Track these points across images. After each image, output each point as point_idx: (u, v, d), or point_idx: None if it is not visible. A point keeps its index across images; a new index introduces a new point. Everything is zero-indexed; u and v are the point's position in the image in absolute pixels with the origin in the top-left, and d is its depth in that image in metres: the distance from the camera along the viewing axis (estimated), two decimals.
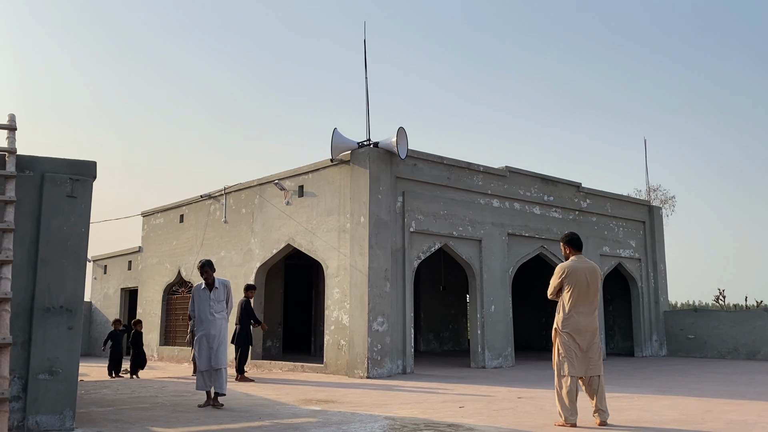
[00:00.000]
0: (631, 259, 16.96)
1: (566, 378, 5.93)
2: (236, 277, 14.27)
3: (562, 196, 15.32)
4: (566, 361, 5.98)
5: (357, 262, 11.53)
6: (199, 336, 7.48)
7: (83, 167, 6.29)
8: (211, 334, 7.43)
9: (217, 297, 7.59)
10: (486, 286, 13.27)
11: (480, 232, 13.37)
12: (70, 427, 5.78)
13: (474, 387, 9.45)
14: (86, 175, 6.29)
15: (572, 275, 6.08)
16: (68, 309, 5.96)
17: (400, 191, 12.18)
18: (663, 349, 17.19)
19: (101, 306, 22.07)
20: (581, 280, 6.08)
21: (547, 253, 14.78)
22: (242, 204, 14.73)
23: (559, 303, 6.18)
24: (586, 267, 6.16)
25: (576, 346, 6.01)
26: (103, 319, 21.50)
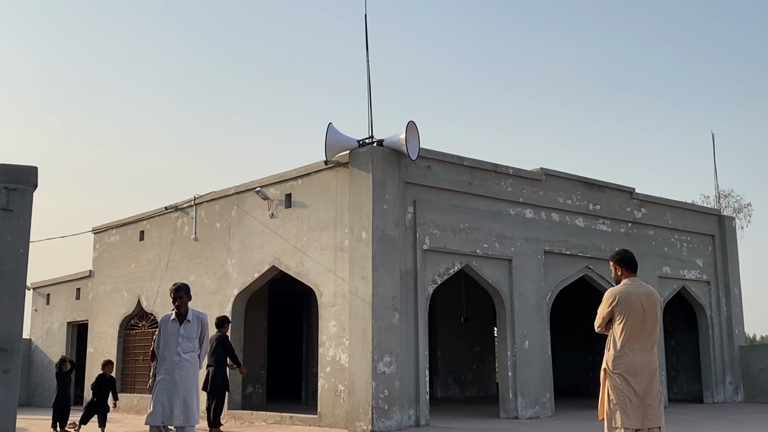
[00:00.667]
0: (697, 281, 16.90)
1: (619, 431, 5.89)
2: (209, 307, 14.28)
3: (612, 204, 15.31)
4: (619, 410, 5.94)
5: (358, 288, 11.54)
6: (158, 380, 7.22)
7: (21, 174, 6.31)
8: (174, 380, 7.11)
9: (188, 333, 7.36)
10: (518, 316, 13.24)
11: (510, 250, 13.35)
12: None
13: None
14: (25, 183, 6.30)
15: (625, 303, 6.05)
16: (3, 348, 5.96)
17: (410, 200, 12.19)
18: (739, 393, 17.06)
19: (43, 344, 22.11)
20: (636, 308, 6.06)
21: (594, 275, 14.75)
22: (216, 217, 14.78)
23: (608, 338, 6.15)
24: (642, 293, 6.14)
25: (631, 391, 5.97)
26: (46, 360, 21.52)
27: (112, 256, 17.71)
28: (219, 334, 11.22)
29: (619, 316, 6.05)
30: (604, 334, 6.26)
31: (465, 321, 19.68)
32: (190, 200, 15.40)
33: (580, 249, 14.54)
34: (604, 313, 6.14)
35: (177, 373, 7.15)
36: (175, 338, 7.32)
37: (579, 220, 14.71)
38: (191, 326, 7.42)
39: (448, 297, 18.96)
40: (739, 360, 17.20)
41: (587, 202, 14.85)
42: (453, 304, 19.42)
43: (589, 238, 14.77)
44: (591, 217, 14.94)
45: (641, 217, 15.87)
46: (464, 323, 19.70)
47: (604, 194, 15.22)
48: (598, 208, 14.98)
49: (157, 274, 16.07)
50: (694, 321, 17.40)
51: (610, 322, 6.14)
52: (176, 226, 15.80)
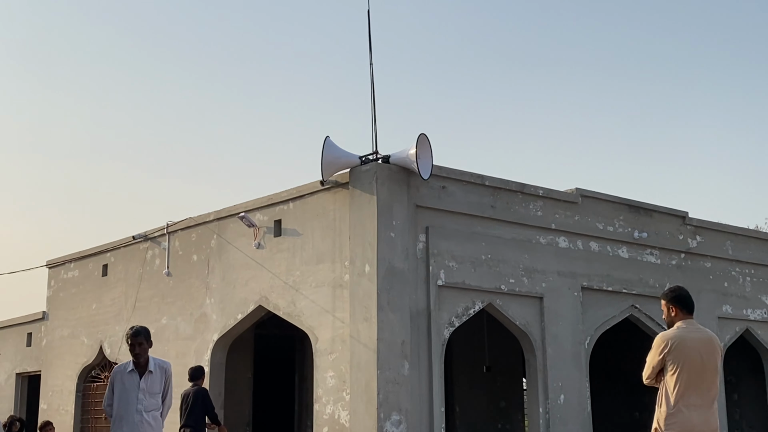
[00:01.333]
0: (764, 323, 16.79)
1: None
2: (184, 355, 14.23)
3: (661, 231, 15.27)
4: None
5: (360, 332, 11.48)
6: None
7: None
8: None
9: (150, 387, 7.25)
10: (552, 365, 13.15)
11: (541, 286, 13.30)
12: None
13: None
14: None
15: (679, 350, 6.03)
16: None
17: (422, 227, 12.17)
18: None
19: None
20: (693, 357, 6.02)
21: (641, 315, 14.68)
22: (193, 248, 14.77)
23: (659, 392, 6.11)
24: (700, 338, 6.11)
25: None
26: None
27: (69, 295, 17.69)
28: (196, 388, 11.18)
29: (672, 366, 6.01)
30: (655, 387, 6.21)
31: (488, 371, 19.53)
32: (163, 228, 15.42)
33: (624, 284, 14.46)
34: (654, 362, 6.11)
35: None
36: (134, 394, 7.18)
37: (623, 250, 14.66)
38: (153, 379, 7.29)
39: (467, 342, 18.84)
40: None
41: (632, 229, 14.80)
42: (473, 351, 19.29)
43: (635, 272, 14.69)
44: (637, 246, 14.87)
45: (696, 247, 15.81)
46: (487, 373, 19.54)
47: (651, 219, 15.18)
48: (645, 236, 14.93)
49: (122, 315, 16.04)
50: (760, 369, 17.27)
51: (661, 372, 6.11)
52: (146, 259, 15.79)
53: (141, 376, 7.25)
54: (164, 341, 14.84)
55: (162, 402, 7.37)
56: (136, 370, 7.29)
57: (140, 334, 7.34)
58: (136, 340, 7.28)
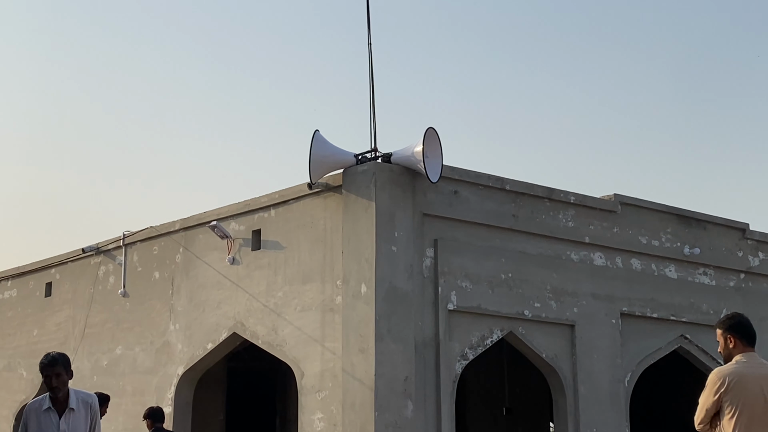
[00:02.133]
0: None
1: None
2: (144, 392, 14.25)
3: (717, 247, 15.32)
4: None
5: (355, 366, 11.51)
6: None
7: None
8: None
9: (73, 428, 7.01)
10: (585, 407, 13.19)
11: (572, 311, 13.35)
12: None
13: None
14: None
15: (739, 389, 6.05)
16: None
17: (429, 239, 12.22)
18: None
19: None
20: (755, 397, 6.05)
21: (692, 347, 14.75)
22: (155, 263, 14.81)
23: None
24: (764, 375, 6.13)
25: None
26: None
27: (6, 319, 17.72)
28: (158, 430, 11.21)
29: (729, 408, 6.04)
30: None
31: (508, 413, 19.62)
32: (118, 239, 15.46)
33: (672, 310, 14.51)
34: (708, 403, 6.12)
35: None
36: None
37: (671, 268, 14.70)
38: (77, 418, 7.05)
39: (483, 378, 18.91)
40: None
41: (682, 244, 14.85)
42: (491, 390, 19.36)
43: (686, 295, 14.75)
44: (687, 264, 14.92)
45: (758, 266, 15.87)
46: (507, 416, 19.64)
47: (705, 233, 15.23)
48: (698, 252, 14.98)
49: (69, 344, 16.05)
50: None
51: (717, 416, 6.11)
52: (97, 277, 15.83)
53: (60, 414, 7.01)
54: (118, 375, 14.85)
55: None
56: (53, 407, 7.02)
57: (57, 362, 7.03)
58: (52, 371, 6.99)
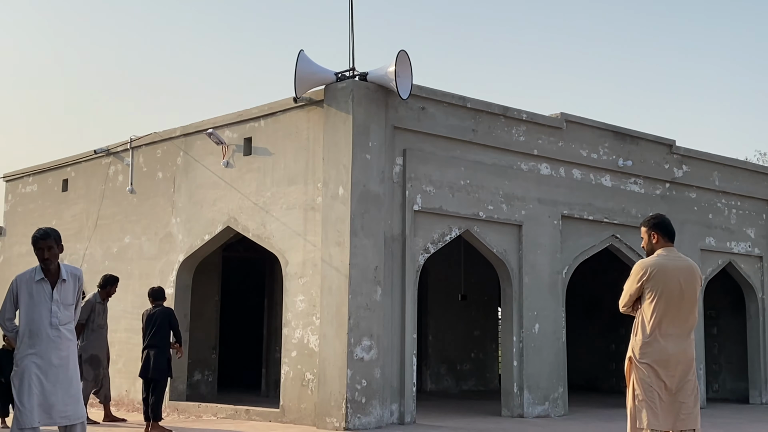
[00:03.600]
0: (748, 256, 17.10)
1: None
2: (149, 275, 14.30)
3: (647, 160, 15.39)
4: (645, 408, 6.05)
5: (332, 257, 11.58)
6: (25, 364, 6.41)
7: None
8: (52, 365, 6.44)
9: (64, 297, 6.62)
10: (528, 294, 13.37)
11: (520, 213, 13.43)
12: None
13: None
14: None
15: (659, 278, 6.12)
16: None
17: (399, 149, 12.19)
18: None
19: None
20: (672, 285, 6.13)
21: (622, 245, 14.91)
22: (158, 165, 14.71)
23: (636, 320, 6.23)
24: (680, 267, 6.21)
25: (661, 386, 6.07)
26: None
27: (27, 210, 17.62)
28: (161, 308, 11.29)
29: (650, 294, 6.12)
30: (631, 316, 6.34)
31: (463, 299, 19.82)
32: (126, 143, 15.31)
33: (606, 214, 14.64)
34: (632, 289, 6.21)
35: (55, 354, 6.48)
36: (46, 306, 6.53)
37: (606, 178, 14.78)
38: (67, 288, 6.65)
39: (442, 270, 19.06)
40: None
41: (617, 157, 14.91)
42: (449, 279, 19.53)
43: (618, 201, 14.86)
44: (621, 174, 15.00)
45: (682, 177, 15.97)
46: (462, 301, 19.84)
47: (637, 147, 15.28)
48: (630, 164, 15.04)
49: (83, 233, 16.03)
50: (741, 304, 17.64)
51: (638, 300, 6.21)
52: (108, 175, 15.72)
53: (53, 285, 6.60)
54: (127, 261, 14.90)
55: (74, 311, 6.81)
56: (46, 278, 6.60)
57: (50, 236, 6.68)
58: (45, 244, 6.61)
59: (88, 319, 11.74)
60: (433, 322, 19.41)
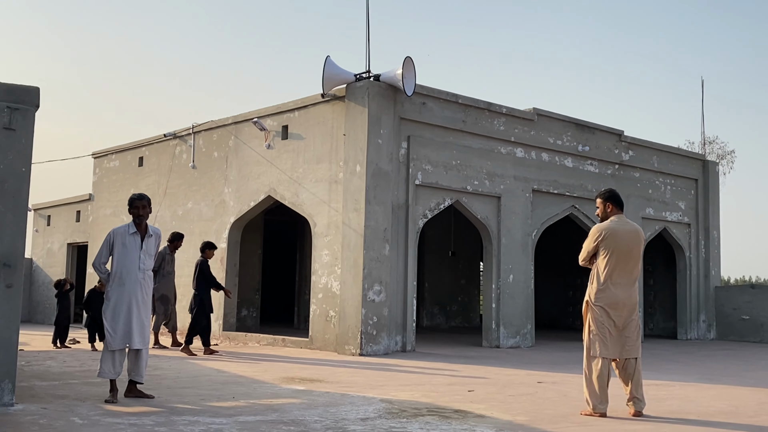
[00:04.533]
0: (679, 223, 17.04)
1: (597, 360, 6.03)
2: (207, 234, 14.33)
3: (600, 146, 15.29)
4: (598, 340, 6.06)
5: (351, 220, 11.57)
6: (116, 299, 6.45)
7: (24, 94, 6.23)
8: (137, 301, 6.48)
9: (148, 249, 6.65)
10: (504, 251, 13.36)
11: (499, 187, 13.38)
12: (9, 402, 5.88)
13: (486, 369, 9.60)
14: (27, 103, 6.24)
15: (611, 238, 6.12)
16: (6, 263, 6.00)
17: (404, 135, 12.13)
18: (712, 331, 17.42)
19: (44, 264, 22.22)
20: (621, 244, 6.12)
21: (579, 214, 14.84)
22: (214, 146, 14.68)
23: (592, 271, 6.23)
24: (628, 230, 6.20)
25: (611, 323, 6.09)
26: (46, 279, 21.65)
27: (111, 181, 17.65)
28: (201, 259, 11.30)
29: (604, 251, 6.12)
30: (587, 269, 6.35)
31: (452, 255, 19.86)
32: (189, 128, 15.26)
33: (567, 188, 14.57)
34: (589, 247, 6.21)
35: (140, 293, 6.53)
36: (136, 254, 6.56)
37: (568, 160, 14.70)
38: (151, 242, 6.69)
39: (437, 231, 19.08)
40: (714, 300, 17.48)
41: (577, 143, 14.80)
42: (442, 239, 19.56)
43: (577, 179, 14.79)
44: (580, 157, 14.92)
45: (628, 160, 15.87)
46: (452, 257, 19.89)
47: (593, 136, 15.17)
48: (587, 150, 14.94)
49: (155, 200, 15.98)
50: (673, 262, 17.61)
51: (594, 256, 6.22)
52: (174, 154, 15.71)
53: (142, 238, 6.63)
54: (190, 221, 14.93)
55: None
56: (138, 232, 6.63)
57: (144, 198, 6.72)
58: (140, 203, 6.65)
59: (160, 266, 11.76)
60: (428, 272, 19.45)
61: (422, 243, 15.61)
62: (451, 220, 18.36)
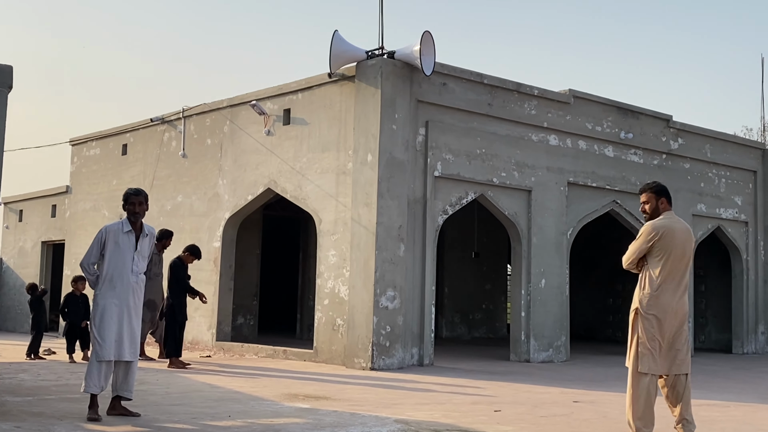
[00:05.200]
0: (735, 221, 16.93)
1: (644, 377, 6.00)
2: (198, 230, 14.39)
3: (646, 133, 15.21)
4: (648, 355, 6.02)
5: (361, 216, 11.58)
6: (104, 305, 6.44)
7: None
8: (129, 307, 6.51)
9: (143, 250, 6.68)
10: (535, 253, 13.32)
11: (530, 180, 13.34)
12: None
13: (514, 386, 9.58)
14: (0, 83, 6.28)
15: (668, 239, 6.06)
16: None
17: (422, 120, 12.11)
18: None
19: (15, 265, 22.40)
20: (678, 246, 6.08)
21: (621, 210, 14.79)
22: (207, 132, 14.72)
23: (643, 275, 6.17)
24: (683, 229, 6.17)
25: (663, 335, 6.05)
26: (18, 282, 21.85)
27: (91, 171, 17.74)
28: (175, 260, 11.39)
29: (659, 253, 6.07)
30: (631, 274, 6.30)
31: (476, 256, 19.82)
32: (179, 112, 15.33)
33: (608, 181, 14.52)
34: (641, 248, 6.12)
35: (132, 299, 6.56)
36: (129, 255, 6.57)
37: (609, 149, 14.63)
38: (146, 243, 6.72)
39: (459, 229, 19.04)
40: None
41: (619, 130, 14.74)
42: (464, 238, 19.52)
43: (619, 170, 14.73)
44: (622, 146, 14.85)
45: (677, 149, 15.79)
46: (475, 259, 19.84)
47: (638, 121, 15.10)
48: (631, 137, 14.88)
49: None
50: (727, 265, 17.50)
51: (642, 258, 6.17)
52: (162, 141, 15.77)
53: (137, 238, 6.63)
54: (179, 217, 14.99)
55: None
56: (133, 231, 6.64)
57: (141, 193, 6.72)
58: (137, 199, 6.64)
59: (147, 268, 11.79)
60: (449, 276, 19.43)
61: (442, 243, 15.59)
62: (475, 216, 18.31)
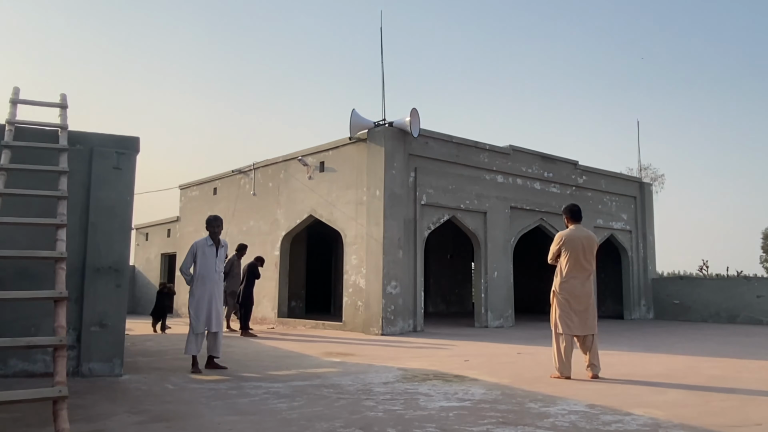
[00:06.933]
0: (622, 230, 16.85)
1: (563, 336, 5.97)
2: (264, 244, 14.38)
3: (561, 172, 15.19)
4: (562, 321, 6.00)
5: (373, 232, 11.56)
6: (199, 295, 6.49)
7: (128, 142, 6.34)
8: (213, 295, 6.52)
9: (221, 257, 6.72)
10: (490, 254, 13.27)
11: (485, 205, 13.32)
12: (119, 374, 5.93)
13: (478, 344, 9.51)
14: (130, 149, 6.34)
15: (570, 242, 6.08)
16: (116, 269, 6.07)
17: (412, 167, 12.13)
18: (650, 312, 17.14)
19: (143, 269, 22.40)
20: (578, 247, 6.08)
21: (546, 225, 14.71)
22: (269, 178, 14.77)
23: (557, 268, 6.18)
24: (583, 235, 6.15)
25: (572, 308, 6.03)
26: (145, 281, 21.82)
27: (193, 206, 17.79)
28: (253, 262, 11.46)
29: (565, 252, 6.08)
30: (553, 265, 6.30)
31: (451, 257, 19.76)
32: (250, 166, 15.37)
33: (536, 205, 14.47)
34: (554, 249, 6.17)
35: (216, 290, 6.58)
36: (212, 261, 6.62)
37: (536, 184, 14.61)
38: (222, 252, 6.75)
39: (439, 239, 19.00)
40: (651, 288, 17.23)
41: (543, 171, 14.72)
42: (442, 245, 19.47)
43: (544, 198, 14.68)
44: (545, 182, 14.82)
45: (582, 183, 15.75)
46: (450, 259, 19.79)
47: (555, 165, 15.08)
48: (551, 176, 14.85)
49: (226, 219, 16.09)
50: (619, 259, 17.40)
51: (558, 256, 6.17)
52: (240, 185, 15.81)
53: (217, 249, 6.68)
54: (252, 235, 14.99)
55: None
56: (214, 244, 6.68)
57: (218, 219, 6.78)
58: (216, 223, 6.72)
59: (230, 269, 11.82)
60: (433, 271, 19.35)
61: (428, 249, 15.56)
62: (450, 230, 18.27)
